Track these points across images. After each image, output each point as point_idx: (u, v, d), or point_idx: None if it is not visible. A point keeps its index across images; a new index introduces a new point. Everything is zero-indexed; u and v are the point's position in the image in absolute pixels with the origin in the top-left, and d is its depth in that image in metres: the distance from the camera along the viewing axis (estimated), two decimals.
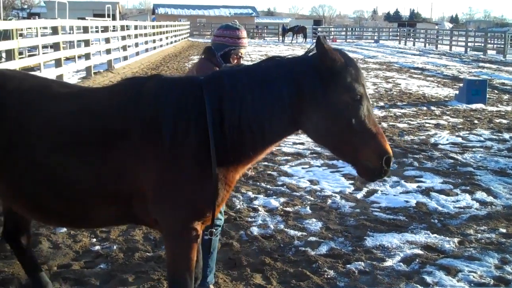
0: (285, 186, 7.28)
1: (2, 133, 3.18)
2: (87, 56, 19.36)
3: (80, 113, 3.16)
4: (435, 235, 5.70)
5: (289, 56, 3.23)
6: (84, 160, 3.10)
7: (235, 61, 4.26)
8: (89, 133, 3.11)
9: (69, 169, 3.12)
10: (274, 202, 6.61)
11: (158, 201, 3.09)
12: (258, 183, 7.33)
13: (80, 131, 3.13)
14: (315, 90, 3.01)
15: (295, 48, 47.06)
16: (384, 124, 11.78)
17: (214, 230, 3.56)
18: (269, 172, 7.92)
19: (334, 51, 3.00)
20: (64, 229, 5.55)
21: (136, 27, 28.87)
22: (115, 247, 5.21)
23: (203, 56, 4.33)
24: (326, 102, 2.99)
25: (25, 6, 77.56)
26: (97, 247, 5.19)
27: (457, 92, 15.95)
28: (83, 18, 31.56)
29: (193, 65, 4.54)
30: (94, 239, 5.39)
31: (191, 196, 3.09)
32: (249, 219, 6.01)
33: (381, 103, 15.04)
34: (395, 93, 17.25)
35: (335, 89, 2.99)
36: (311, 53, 3.15)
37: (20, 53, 16.06)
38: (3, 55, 16.66)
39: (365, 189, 7.22)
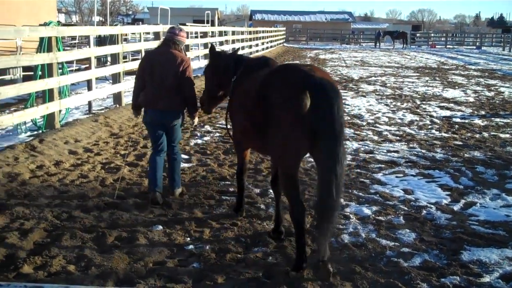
0: (378, 195, 7.14)
1: None
2: None
3: None
4: None
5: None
6: None
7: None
8: None
9: None
10: (366, 210, 6.50)
11: None
12: (350, 191, 7.23)
13: None
14: None
15: (392, 53, 46.13)
16: (485, 134, 11.28)
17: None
18: (362, 179, 7.81)
19: None
20: (160, 227, 5.76)
21: (233, 33, 29.45)
22: (207, 247, 5.34)
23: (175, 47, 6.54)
24: None
25: (130, 12, 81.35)
26: (191, 246, 5.34)
27: None
28: (184, 24, 32.45)
29: (176, 53, 6.46)
30: (188, 238, 5.55)
31: None
32: (340, 226, 5.94)
33: (482, 112, 14.41)
34: (497, 101, 16.47)
35: None
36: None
37: (124, 57, 16.81)
38: (109, 58, 17.54)
39: (462, 201, 6.95)
